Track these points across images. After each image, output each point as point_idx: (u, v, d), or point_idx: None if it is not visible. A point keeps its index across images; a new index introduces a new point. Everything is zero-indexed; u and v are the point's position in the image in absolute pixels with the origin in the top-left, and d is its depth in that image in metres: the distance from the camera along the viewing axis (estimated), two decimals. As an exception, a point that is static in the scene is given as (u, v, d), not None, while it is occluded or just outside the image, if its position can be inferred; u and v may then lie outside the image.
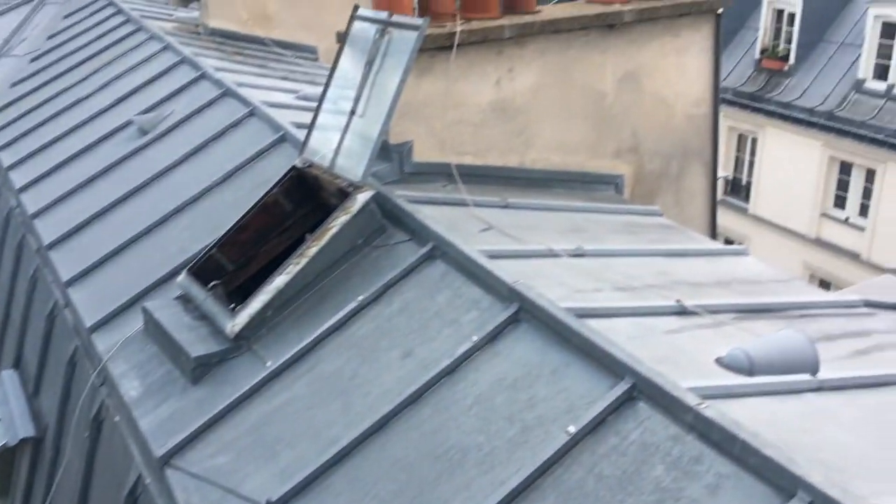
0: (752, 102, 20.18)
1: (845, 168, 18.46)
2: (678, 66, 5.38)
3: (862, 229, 18.00)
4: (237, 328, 3.78)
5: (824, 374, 2.88)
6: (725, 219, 21.32)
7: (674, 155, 5.62)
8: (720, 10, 5.41)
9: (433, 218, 3.92)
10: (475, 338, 3.17)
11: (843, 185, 18.62)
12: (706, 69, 5.52)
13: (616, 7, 4.98)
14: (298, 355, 3.58)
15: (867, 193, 17.98)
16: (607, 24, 4.98)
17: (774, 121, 19.63)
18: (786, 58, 19.86)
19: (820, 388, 2.81)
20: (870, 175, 17.85)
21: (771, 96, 19.85)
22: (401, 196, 4.15)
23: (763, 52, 20.40)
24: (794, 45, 19.59)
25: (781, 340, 2.96)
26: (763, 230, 20.35)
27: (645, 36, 5.16)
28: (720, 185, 21.38)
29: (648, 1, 5.13)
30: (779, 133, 19.63)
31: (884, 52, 17.61)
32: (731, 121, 20.83)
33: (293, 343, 3.65)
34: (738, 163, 21.37)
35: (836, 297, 3.77)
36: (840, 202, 18.68)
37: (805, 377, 2.83)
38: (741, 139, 21.10)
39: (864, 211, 18.08)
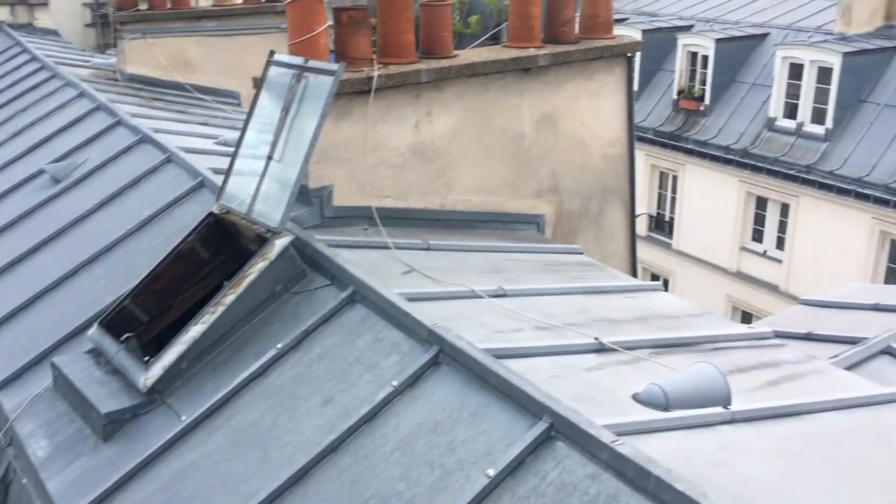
0: (671, 141, 20.86)
1: (761, 203, 19.18)
2: (593, 108, 5.52)
3: (779, 262, 18.68)
4: (150, 381, 3.66)
5: (737, 405, 2.94)
6: (651, 254, 21.89)
7: (593, 194, 5.73)
8: (631, 54, 5.59)
9: (354, 262, 3.90)
10: (395, 382, 3.14)
11: (759, 220, 19.32)
12: (620, 110, 5.67)
13: (531, 51, 5.10)
14: (215, 407, 3.48)
15: (783, 227, 18.69)
16: (523, 68, 5.09)
17: (693, 158, 20.32)
18: (701, 98, 20.64)
19: (732, 419, 2.87)
20: (784, 209, 18.58)
21: (689, 135, 20.56)
22: (321, 240, 4.11)
23: (680, 93, 21.17)
24: (708, 87, 20.40)
25: (695, 374, 3.02)
26: (687, 265, 20.91)
27: (560, 79, 5.29)
28: (644, 221, 21.96)
29: (563, 45, 5.27)
30: (698, 170, 20.31)
31: (792, 92, 18.48)
32: (653, 159, 21.49)
33: (209, 395, 3.55)
34: (661, 200, 22.00)
35: (748, 329, 3.87)
36: (758, 236, 19.36)
37: (718, 410, 2.89)
38: (663, 177, 21.74)
39: (780, 244, 18.78)
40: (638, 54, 19.08)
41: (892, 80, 17.41)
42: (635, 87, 22.12)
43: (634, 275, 5.96)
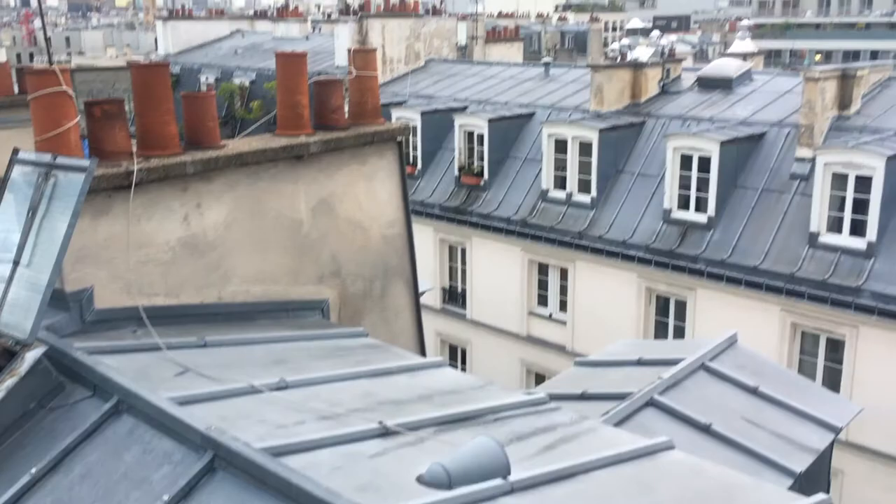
0: (457, 215, 21.74)
1: (543, 269, 20.37)
2: (368, 191, 5.63)
3: (564, 323, 19.83)
4: None
5: (516, 475, 3.01)
6: (447, 326, 22.45)
7: (375, 275, 5.80)
8: (400, 138, 5.80)
9: (119, 369, 3.63)
10: (166, 497, 2.92)
11: (543, 285, 20.48)
12: (395, 192, 5.84)
13: (302, 139, 5.14)
14: (-45, 551, 3.05)
15: (564, 290, 19.93)
16: (295, 156, 5.11)
17: (478, 231, 21.27)
18: (481, 174, 21.78)
19: (512, 490, 2.94)
20: (563, 273, 19.85)
21: (473, 209, 21.55)
22: (81, 348, 3.80)
23: (461, 169, 22.22)
24: (486, 163, 21.59)
25: (475, 449, 3.07)
26: (482, 333, 21.63)
27: (334, 164, 5.37)
28: (438, 294, 22.56)
29: (333, 132, 5.37)
30: (483, 242, 21.27)
31: (560, 165, 20.00)
32: (442, 233, 22.26)
33: (-52, 537, 3.11)
34: (452, 272, 22.73)
35: (526, 396, 4.03)
36: (543, 300, 20.49)
37: (498, 482, 2.95)
38: (452, 250, 22.53)
39: (563, 306, 19.97)
40: (419, 134, 19.73)
41: (642, 152, 19.38)
42: (419, 165, 23.04)
43: (422, 351, 6.06)
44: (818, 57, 69.95)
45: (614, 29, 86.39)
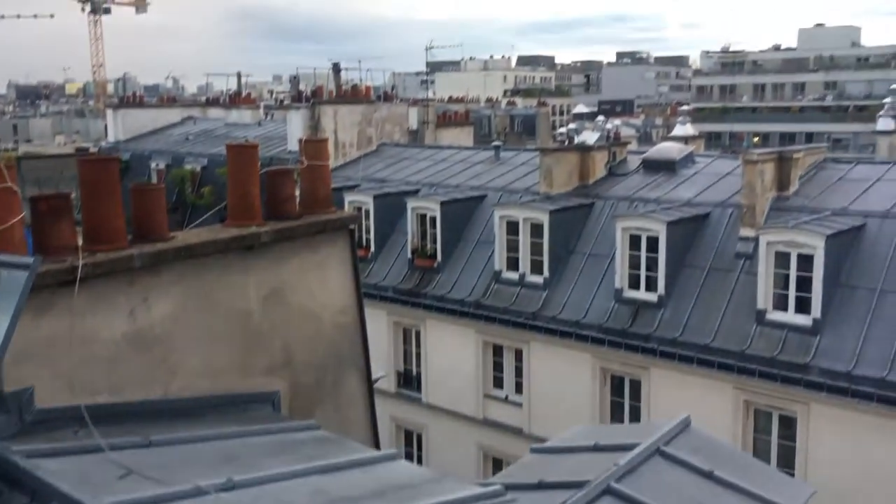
0: (411, 298, 21.70)
1: (498, 350, 20.34)
2: (320, 280, 5.61)
3: (520, 405, 19.70)
4: None
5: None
6: (402, 411, 22.12)
7: (328, 365, 5.73)
8: (352, 226, 5.83)
9: (59, 472, 3.47)
10: None
11: (498, 367, 20.41)
12: (347, 279, 5.83)
13: (253, 229, 5.13)
14: None
15: (519, 372, 19.88)
16: (245, 246, 5.08)
17: (432, 313, 21.23)
18: (434, 256, 21.90)
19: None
20: (518, 354, 19.84)
21: (426, 291, 21.55)
22: (18, 451, 3.63)
23: (414, 252, 22.32)
24: (439, 245, 21.74)
25: (430, 549, 2.98)
26: (438, 417, 21.35)
27: (285, 254, 5.35)
28: (393, 378, 22.29)
29: (285, 221, 5.37)
30: (438, 324, 21.21)
31: (512, 246, 20.23)
32: (396, 316, 22.16)
33: None
34: (407, 355, 22.54)
35: (481, 489, 3.96)
36: (499, 382, 20.38)
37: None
38: (406, 333, 22.40)
39: (519, 388, 19.89)
40: (372, 218, 19.74)
41: (592, 233, 19.76)
42: (372, 248, 23.09)
43: (377, 441, 5.95)
44: (756, 139, 72.97)
45: (561, 113, 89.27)
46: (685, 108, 31.84)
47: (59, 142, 78.23)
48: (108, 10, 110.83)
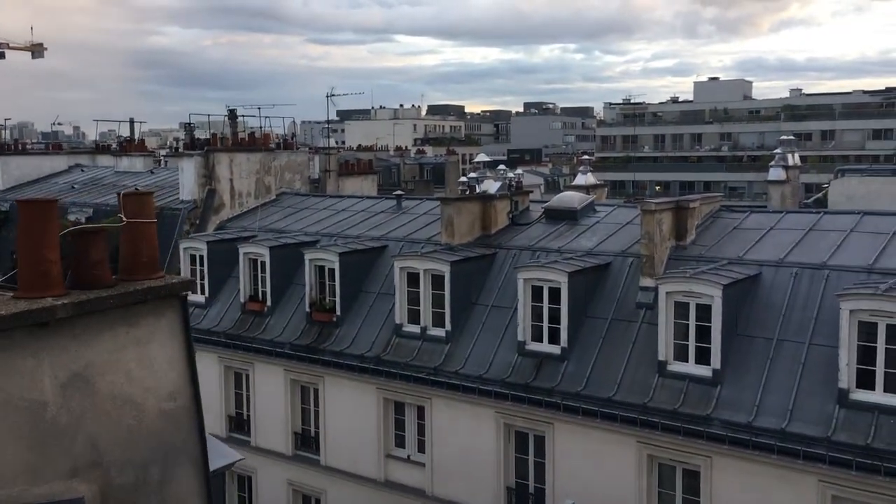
0: (308, 354, 20.65)
1: (399, 408, 19.44)
2: (141, 359, 4.74)
3: (423, 465, 18.79)
4: None
5: None
6: (300, 474, 20.88)
7: (152, 459, 4.82)
8: (185, 293, 4.99)
9: None
10: None
11: (400, 425, 19.49)
12: (178, 357, 4.97)
13: (47, 302, 4.24)
14: None
15: (421, 430, 19.00)
16: (36, 323, 4.18)
17: (331, 370, 20.21)
18: (333, 309, 20.94)
19: None
20: (420, 412, 18.98)
21: (325, 346, 20.55)
22: None
23: (312, 305, 21.32)
24: (338, 298, 20.82)
25: None
26: (337, 480, 20.21)
27: (92, 330, 4.47)
28: (290, 440, 21.05)
29: (92, 291, 4.50)
30: (337, 381, 20.20)
31: (413, 298, 19.50)
32: (294, 374, 21.03)
33: None
34: (305, 414, 21.38)
35: None
36: (400, 441, 19.44)
37: None
38: (304, 391, 21.27)
39: (421, 447, 18.98)
40: (268, 270, 18.58)
41: (494, 284, 19.25)
42: (269, 302, 21.94)
43: (215, 547, 5.03)
44: (658, 188, 75.22)
45: (471, 161, 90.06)
46: (586, 157, 32.20)
47: (-57, 190, 73.85)
48: (1, 55, 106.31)
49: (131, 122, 34.86)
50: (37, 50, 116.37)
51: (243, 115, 28.22)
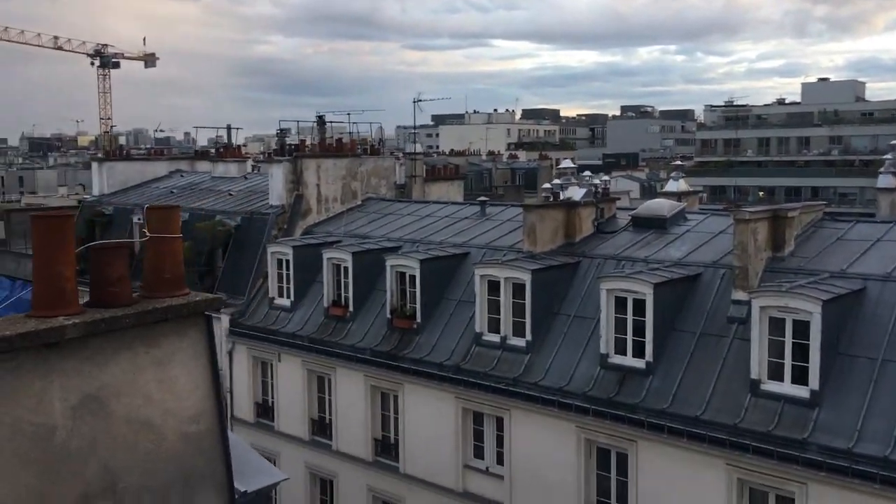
0: (388, 361, 20.53)
1: (478, 418, 19.05)
2: (161, 381, 4.53)
3: (501, 477, 18.33)
4: None
5: None
6: (379, 480, 20.78)
7: (172, 485, 4.61)
8: (210, 312, 4.77)
9: None
10: None
11: (478, 435, 19.09)
12: (202, 378, 4.75)
13: (58, 321, 4.07)
14: None
15: (500, 441, 18.55)
16: (46, 343, 4.03)
17: (410, 377, 20.02)
18: (413, 316, 20.76)
19: None
20: (499, 423, 18.53)
21: (405, 354, 20.38)
22: None
23: (393, 311, 21.19)
24: (419, 305, 20.61)
25: None
26: (416, 488, 19.98)
27: (106, 351, 4.29)
28: (370, 446, 21.00)
29: (109, 310, 4.32)
30: (416, 388, 19.99)
31: (493, 307, 19.08)
32: (374, 380, 20.97)
33: None
34: (385, 421, 21.27)
35: None
36: (479, 452, 19.05)
37: None
38: (384, 397, 21.17)
39: (500, 458, 18.53)
40: (350, 276, 18.50)
41: (577, 293, 18.60)
42: (351, 308, 21.96)
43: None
44: (761, 193, 72.05)
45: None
46: (678, 163, 30.98)
47: (61, 193, 78.43)
48: (117, 65, 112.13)
49: (228, 128, 35.86)
50: (149, 59, 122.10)
51: (331, 122, 28.46)
